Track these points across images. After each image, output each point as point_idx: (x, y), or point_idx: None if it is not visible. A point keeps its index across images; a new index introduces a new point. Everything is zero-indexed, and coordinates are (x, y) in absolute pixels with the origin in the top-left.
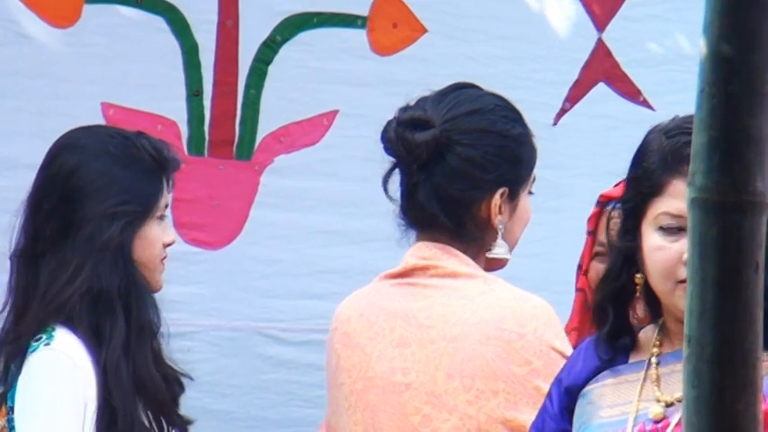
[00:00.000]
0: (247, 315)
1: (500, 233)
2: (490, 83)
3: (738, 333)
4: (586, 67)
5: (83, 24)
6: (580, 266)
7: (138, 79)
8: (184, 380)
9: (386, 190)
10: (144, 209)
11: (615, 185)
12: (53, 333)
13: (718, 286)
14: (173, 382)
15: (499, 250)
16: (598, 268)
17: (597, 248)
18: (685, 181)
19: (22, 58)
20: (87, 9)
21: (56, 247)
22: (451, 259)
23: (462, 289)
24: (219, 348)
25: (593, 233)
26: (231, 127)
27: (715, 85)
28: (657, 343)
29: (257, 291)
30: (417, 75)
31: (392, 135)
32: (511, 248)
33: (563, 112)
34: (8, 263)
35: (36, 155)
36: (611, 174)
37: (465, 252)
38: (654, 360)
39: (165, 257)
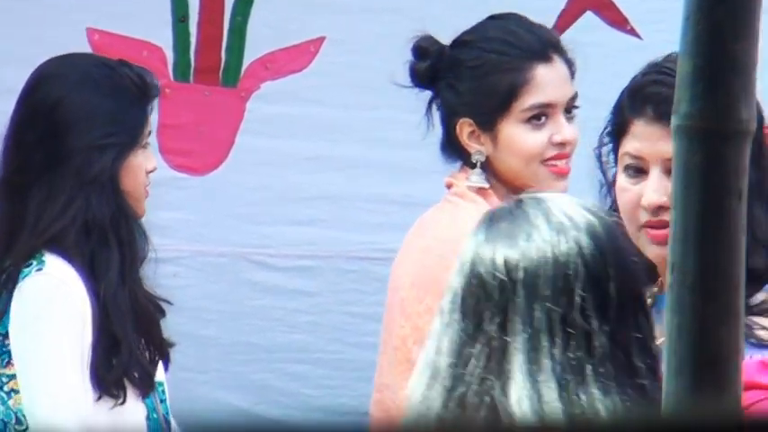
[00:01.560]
0: (233, 241)
1: (477, 163)
2: (479, 12)
3: (721, 260)
4: None
5: None
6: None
7: (124, 5)
8: (166, 305)
9: (428, 115)
10: (131, 139)
11: None
12: (43, 259)
13: (701, 214)
14: (154, 308)
15: (475, 179)
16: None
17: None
18: (646, 121)
19: None
20: None
21: (42, 179)
22: (464, 180)
23: (461, 209)
24: (205, 274)
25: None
26: (217, 53)
27: (700, 12)
28: (656, 287)
29: (243, 217)
30: (404, 3)
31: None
32: (519, 177)
33: None
34: None
35: (20, 81)
36: (598, 101)
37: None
38: (649, 302)
39: (148, 184)
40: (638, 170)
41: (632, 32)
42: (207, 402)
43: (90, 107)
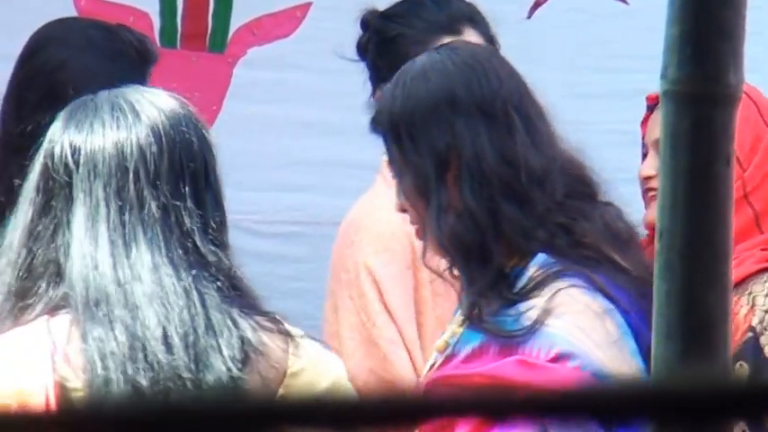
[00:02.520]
0: None
1: None
2: None
3: (710, 226)
4: None
5: None
6: None
7: None
8: None
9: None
10: None
11: None
12: None
13: (689, 178)
14: None
15: None
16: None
17: (643, 150)
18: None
19: None
20: None
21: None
22: None
23: (372, 187)
24: None
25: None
26: (204, 19)
27: None
28: None
29: (231, 183)
30: None
31: None
32: None
33: (537, 5)
34: None
35: (6, 47)
36: (585, 67)
37: None
38: None
39: None
40: None
41: None
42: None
43: (91, 70)
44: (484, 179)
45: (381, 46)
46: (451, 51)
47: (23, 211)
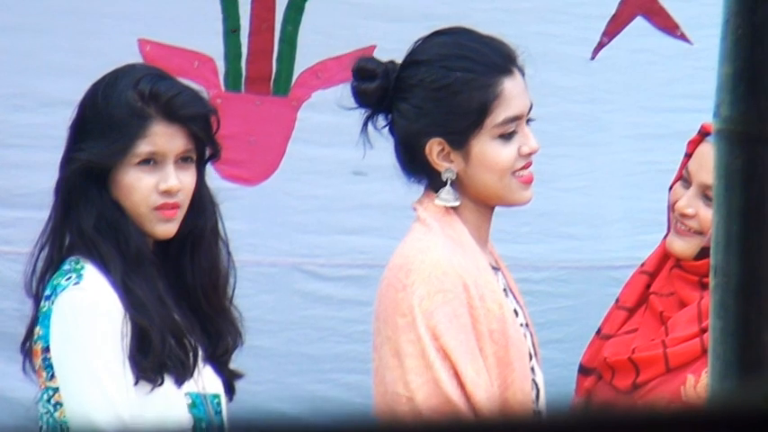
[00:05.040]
0: (285, 251)
1: (448, 181)
2: (528, 17)
3: (764, 264)
4: (624, 1)
5: None
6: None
7: (175, 15)
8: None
9: (363, 135)
10: (102, 156)
11: None
12: (82, 273)
13: (743, 217)
14: (230, 334)
15: (445, 197)
16: (678, 191)
17: (684, 173)
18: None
19: None
20: None
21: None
22: (431, 203)
23: (410, 233)
24: (258, 284)
25: (688, 156)
26: (268, 63)
27: (740, 15)
28: None
29: (295, 226)
30: (457, 9)
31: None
32: (492, 191)
33: (600, 46)
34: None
35: (72, 92)
36: (648, 109)
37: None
38: None
39: (162, 204)
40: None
41: (683, 38)
42: (262, 413)
43: (85, 122)
44: None
45: (423, 93)
46: None
47: None
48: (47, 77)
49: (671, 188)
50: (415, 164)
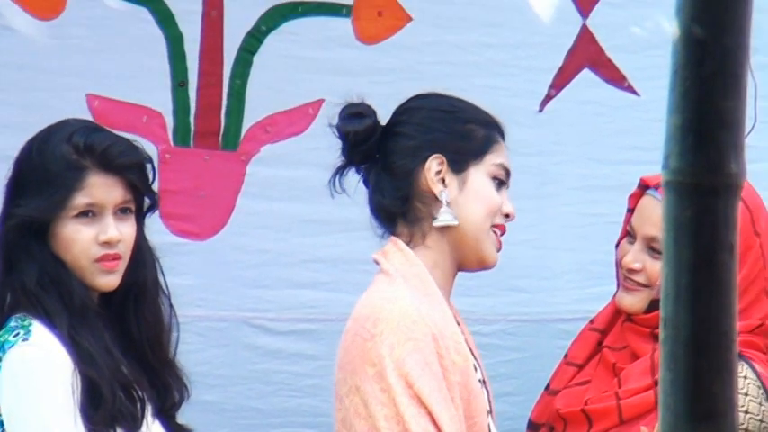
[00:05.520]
0: (235, 305)
1: (444, 201)
2: (475, 71)
3: (714, 315)
4: (571, 53)
5: (67, 16)
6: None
7: (123, 71)
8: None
9: (332, 187)
10: (40, 210)
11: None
12: (30, 328)
13: (692, 269)
14: (177, 387)
15: (443, 217)
16: (625, 247)
17: (629, 228)
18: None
19: (6, 50)
20: (71, 1)
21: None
22: (396, 254)
23: (374, 284)
24: (207, 339)
25: (631, 211)
26: (217, 117)
27: (687, 67)
28: None
29: (244, 281)
30: (403, 63)
31: (336, 129)
32: (473, 230)
33: (548, 98)
34: None
35: (18, 148)
36: (596, 160)
37: (413, 236)
38: None
39: (102, 256)
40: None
41: (630, 89)
42: None
43: (20, 177)
44: None
45: (430, 115)
46: None
47: None
48: None
49: (617, 245)
50: (399, 194)
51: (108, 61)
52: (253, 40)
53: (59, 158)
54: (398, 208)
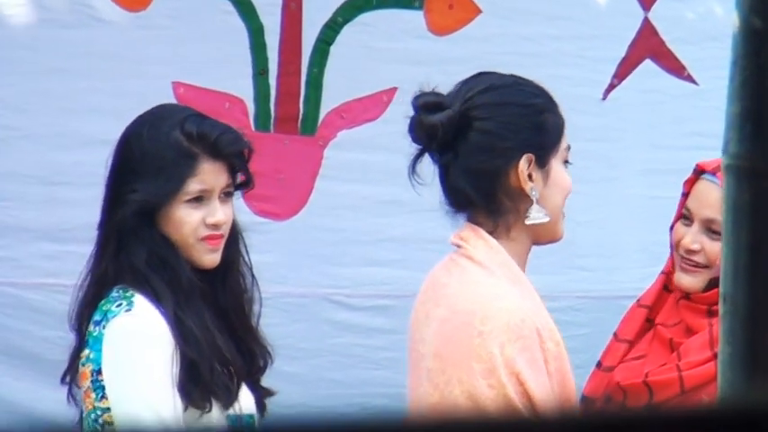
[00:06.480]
0: (314, 282)
1: (534, 199)
2: (541, 61)
3: None
4: (633, 44)
5: (154, 8)
6: (671, 227)
7: (207, 60)
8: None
9: (412, 176)
10: (158, 196)
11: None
12: (132, 300)
13: (750, 249)
14: (261, 354)
15: (536, 215)
16: (680, 229)
17: (684, 211)
18: None
19: (96, 40)
20: None
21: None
22: (479, 242)
23: (469, 273)
24: (289, 314)
25: (686, 195)
26: (296, 104)
27: (747, 57)
28: None
29: (323, 259)
30: (472, 53)
31: (412, 122)
32: (554, 217)
33: (611, 87)
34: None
35: (110, 132)
36: (658, 146)
37: (497, 227)
38: None
39: (208, 236)
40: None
41: (689, 79)
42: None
43: (130, 162)
44: None
45: (509, 111)
46: None
47: None
48: (87, 118)
49: (672, 228)
50: (485, 188)
51: (192, 51)
52: (330, 32)
53: (173, 145)
54: (482, 201)
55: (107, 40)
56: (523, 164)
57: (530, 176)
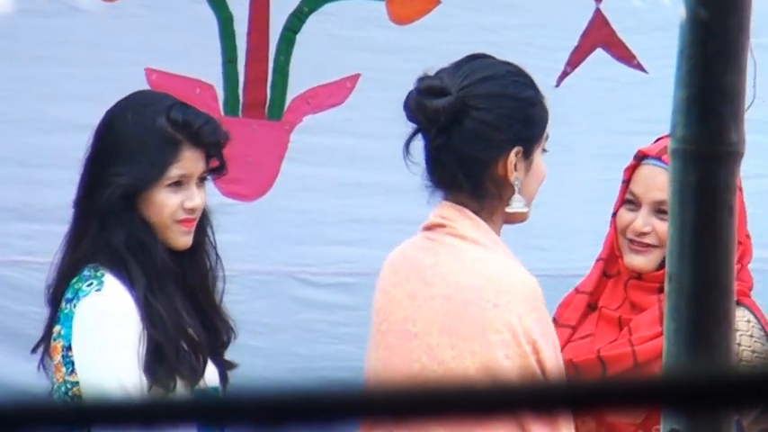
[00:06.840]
0: (280, 260)
1: (517, 189)
2: (498, 49)
3: (714, 270)
4: (586, 34)
5: None
6: (614, 214)
7: (179, 47)
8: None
9: (406, 153)
10: (141, 180)
11: (654, 142)
12: (103, 280)
13: (695, 228)
14: (224, 329)
15: (517, 205)
16: (626, 215)
17: (628, 196)
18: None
19: (72, 28)
20: None
21: (83, 205)
22: (465, 221)
23: (463, 251)
24: (254, 291)
25: (627, 182)
26: (263, 90)
27: (693, 46)
28: None
29: (289, 238)
30: (432, 42)
31: (413, 104)
32: (528, 203)
33: (565, 74)
34: (70, 213)
35: (86, 116)
36: (609, 131)
37: (482, 210)
38: None
39: (184, 219)
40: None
41: (639, 67)
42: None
43: (114, 145)
44: None
45: (501, 103)
46: None
47: None
48: (65, 103)
49: (614, 215)
50: (481, 174)
51: (165, 39)
52: (296, 21)
53: (158, 132)
54: (470, 185)
55: (84, 29)
56: (513, 156)
57: (515, 167)
